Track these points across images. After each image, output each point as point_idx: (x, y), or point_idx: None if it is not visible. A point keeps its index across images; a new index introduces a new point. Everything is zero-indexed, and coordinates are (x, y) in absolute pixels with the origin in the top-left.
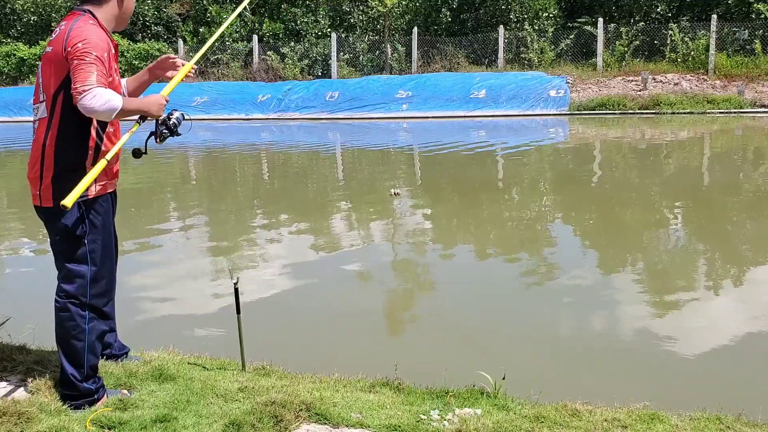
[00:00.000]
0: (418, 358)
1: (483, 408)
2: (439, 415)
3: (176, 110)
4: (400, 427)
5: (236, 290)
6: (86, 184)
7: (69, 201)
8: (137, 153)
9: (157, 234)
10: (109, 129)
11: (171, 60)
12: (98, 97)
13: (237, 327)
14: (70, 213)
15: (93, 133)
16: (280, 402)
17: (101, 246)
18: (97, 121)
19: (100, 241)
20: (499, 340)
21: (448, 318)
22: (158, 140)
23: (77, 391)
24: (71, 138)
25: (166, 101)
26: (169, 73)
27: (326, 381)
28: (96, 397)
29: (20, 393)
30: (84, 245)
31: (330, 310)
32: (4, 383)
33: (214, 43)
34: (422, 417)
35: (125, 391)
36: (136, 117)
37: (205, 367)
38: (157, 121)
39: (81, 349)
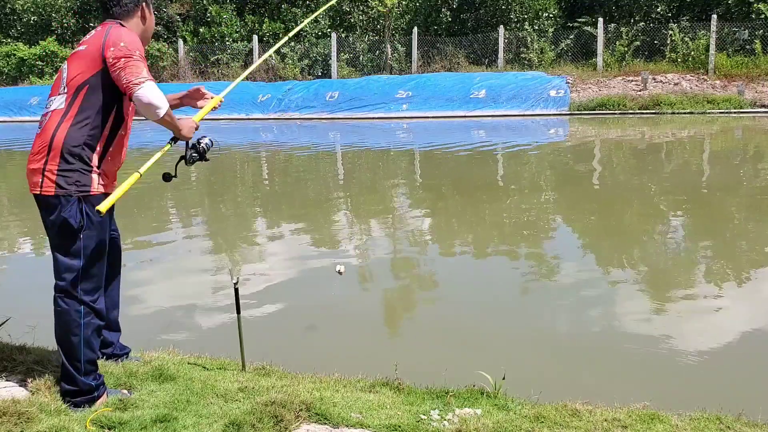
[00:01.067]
0: (418, 358)
1: (483, 408)
2: (439, 415)
3: (206, 136)
4: (400, 427)
5: (236, 290)
6: (123, 191)
7: (104, 207)
8: (167, 177)
9: (158, 234)
10: (121, 132)
11: (202, 92)
12: (152, 89)
13: (237, 327)
14: (70, 206)
15: (106, 133)
16: (280, 402)
17: (95, 242)
18: (112, 125)
19: (95, 238)
20: (499, 340)
21: (448, 318)
22: (188, 163)
23: (76, 385)
24: (83, 133)
25: (197, 127)
26: (199, 103)
27: (326, 381)
28: (96, 394)
29: (20, 393)
30: (79, 240)
31: (330, 310)
32: (4, 383)
33: (246, 74)
34: (422, 417)
35: (125, 391)
36: (168, 139)
37: (205, 367)
38: (187, 144)
39: (77, 343)
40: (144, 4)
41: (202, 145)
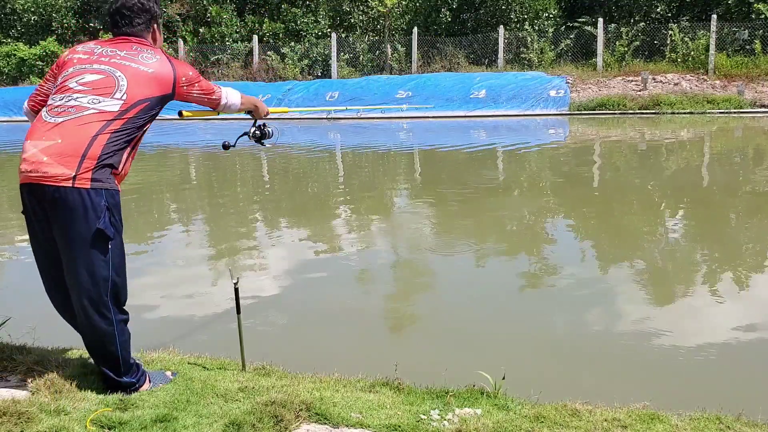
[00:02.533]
0: (418, 358)
1: (483, 408)
2: (439, 415)
3: (274, 127)
4: (400, 427)
5: (236, 290)
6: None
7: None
8: (226, 146)
9: (158, 233)
10: (136, 148)
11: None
12: (229, 97)
13: (237, 327)
14: (100, 210)
15: (131, 148)
16: (280, 402)
17: (120, 248)
18: (136, 142)
19: (120, 243)
20: (500, 340)
21: (448, 318)
22: (250, 138)
23: (119, 386)
24: (121, 141)
25: (268, 112)
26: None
27: (326, 381)
28: (137, 385)
29: (20, 393)
30: (109, 249)
31: (330, 310)
32: (4, 383)
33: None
34: (422, 417)
35: (168, 373)
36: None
37: (205, 367)
38: (254, 122)
39: (115, 351)
40: (155, 25)
41: (268, 129)
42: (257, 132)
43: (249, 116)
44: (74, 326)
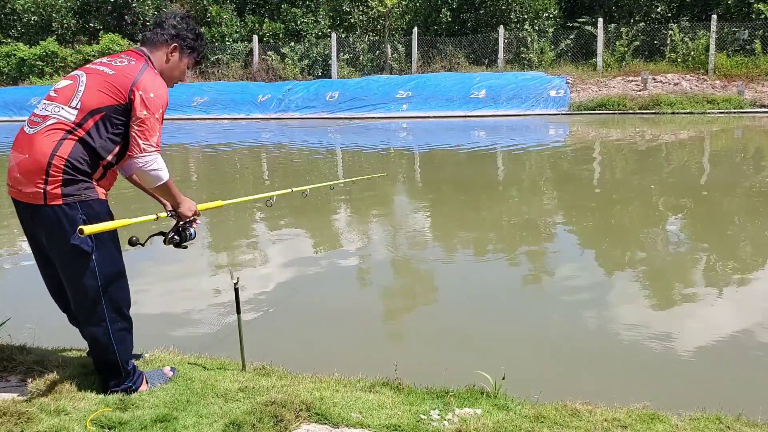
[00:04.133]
0: (418, 358)
1: (483, 408)
2: (439, 415)
3: (193, 227)
4: (400, 427)
5: (236, 290)
6: (108, 227)
7: (87, 230)
8: (134, 242)
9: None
10: (119, 164)
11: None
12: (155, 163)
13: (237, 327)
14: (72, 221)
15: (105, 162)
16: (280, 402)
17: (110, 259)
18: (114, 156)
19: (108, 255)
20: (499, 341)
21: (448, 318)
22: (165, 242)
23: (118, 386)
24: (90, 154)
25: (197, 213)
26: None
27: (326, 381)
28: (133, 388)
29: (20, 393)
30: (92, 261)
31: (330, 310)
32: (4, 383)
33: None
34: (422, 417)
35: (167, 369)
36: (162, 212)
37: (205, 367)
38: (176, 224)
39: (114, 360)
40: (176, 45)
41: (189, 231)
42: (175, 237)
43: (169, 214)
44: (79, 329)
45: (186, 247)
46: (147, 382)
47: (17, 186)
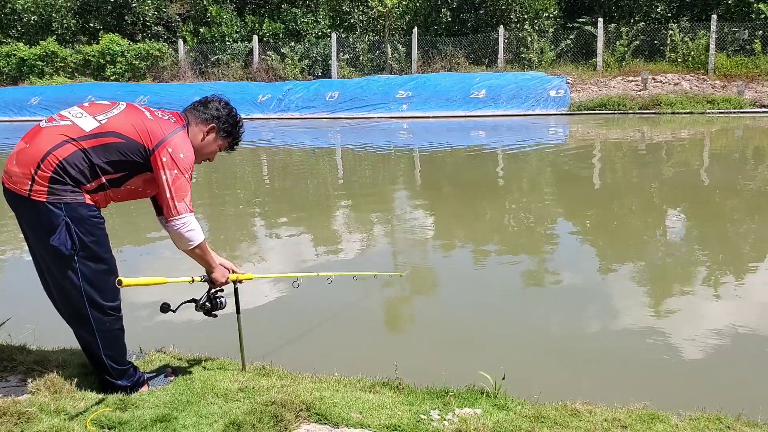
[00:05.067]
0: (418, 358)
1: (483, 408)
2: (439, 415)
3: (224, 297)
4: (400, 427)
5: (236, 290)
6: (143, 282)
7: (125, 281)
8: (165, 308)
9: (156, 233)
10: (109, 193)
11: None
12: (189, 225)
13: (237, 327)
14: (60, 225)
15: (104, 179)
16: (280, 402)
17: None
18: (106, 182)
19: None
20: (499, 341)
21: (448, 318)
22: (197, 308)
23: (115, 388)
24: (85, 163)
25: (230, 280)
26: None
27: (326, 381)
28: (130, 392)
29: (20, 393)
30: (75, 262)
31: (330, 311)
32: (4, 383)
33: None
34: (422, 417)
35: (169, 371)
36: (198, 276)
37: (205, 367)
38: (209, 290)
39: (101, 358)
40: (215, 126)
41: (218, 299)
42: (207, 304)
43: (202, 279)
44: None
45: (216, 315)
46: (148, 386)
47: (10, 171)
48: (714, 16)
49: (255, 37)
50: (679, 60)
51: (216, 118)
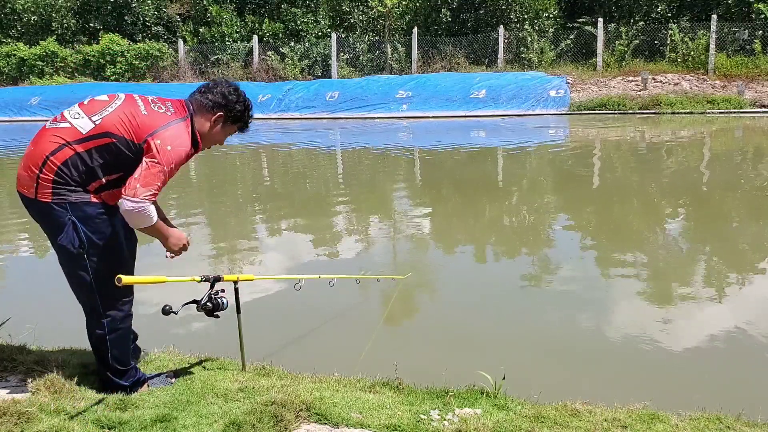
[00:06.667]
0: (418, 358)
1: (483, 408)
2: (439, 415)
3: (225, 296)
4: (400, 427)
5: (236, 290)
6: (143, 281)
7: (124, 279)
8: (167, 311)
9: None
10: (114, 191)
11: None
12: (142, 209)
13: (237, 327)
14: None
15: (104, 180)
16: (280, 402)
17: (106, 258)
18: (108, 183)
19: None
20: (499, 341)
21: (448, 318)
22: (198, 309)
23: (112, 386)
24: (83, 166)
25: (187, 244)
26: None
27: (326, 381)
28: (129, 392)
29: (20, 393)
30: (84, 259)
31: (330, 311)
32: (4, 383)
33: None
34: (422, 417)
35: (171, 379)
36: (198, 276)
37: (205, 367)
38: (209, 291)
39: (106, 354)
40: (221, 114)
41: (220, 300)
42: (208, 304)
43: (202, 279)
44: None
45: (218, 316)
46: (148, 385)
47: (19, 176)
48: (714, 16)
49: (255, 37)
50: (679, 60)
51: (223, 106)
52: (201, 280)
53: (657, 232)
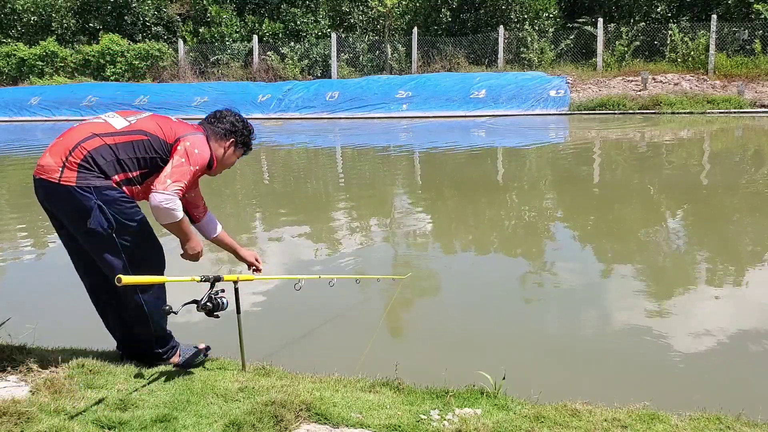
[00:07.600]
0: (418, 358)
1: (483, 408)
2: (439, 415)
3: (226, 297)
4: (400, 427)
5: (236, 290)
6: (148, 280)
7: (125, 279)
8: (168, 311)
9: (157, 232)
10: (136, 188)
11: (257, 262)
12: (172, 202)
13: (237, 327)
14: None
15: (131, 174)
16: (280, 402)
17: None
18: (141, 175)
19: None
20: (499, 341)
21: (449, 318)
22: (198, 308)
23: (151, 355)
24: (112, 157)
25: (200, 254)
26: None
27: (326, 381)
28: (165, 357)
29: (20, 393)
30: (114, 240)
31: (330, 311)
32: (4, 383)
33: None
34: (422, 417)
35: (202, 346)
36: (199, 276)
37: (205, 367)
38: (209, 291)
39: (147, 329)
40: (234, 140)
41: (220, 300)
42: (208, 304)
43: (202, 279)
44: (100, 312)
45: (218, 316)
46: (179, 355)
47: (42, 163)
48: (714, 16)
49: (255, 37)
50: (679, 60)
51: (233, 133)
52: (201, 280)
53: (657, 231)
